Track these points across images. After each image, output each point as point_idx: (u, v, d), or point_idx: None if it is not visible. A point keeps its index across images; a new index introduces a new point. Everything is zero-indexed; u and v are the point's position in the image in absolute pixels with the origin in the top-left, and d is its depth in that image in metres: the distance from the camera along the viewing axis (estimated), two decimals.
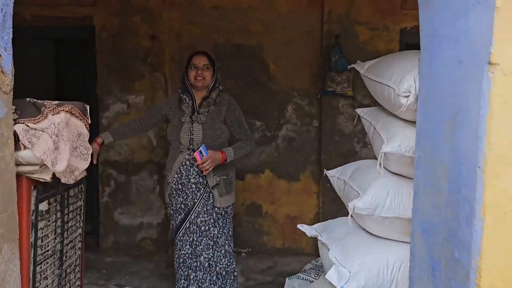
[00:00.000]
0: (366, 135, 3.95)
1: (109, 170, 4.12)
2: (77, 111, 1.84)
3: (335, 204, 4.00)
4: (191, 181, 2.80)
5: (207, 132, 2.77)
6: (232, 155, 2.76)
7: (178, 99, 2.90)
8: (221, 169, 2.80)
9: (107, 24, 3.97)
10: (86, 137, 1.90)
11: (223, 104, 2.84)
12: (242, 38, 4.00)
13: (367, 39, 3.92)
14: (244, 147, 2.83)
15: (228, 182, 2.85)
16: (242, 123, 2.89)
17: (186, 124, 2.79)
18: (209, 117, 2.79)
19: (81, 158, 1.83)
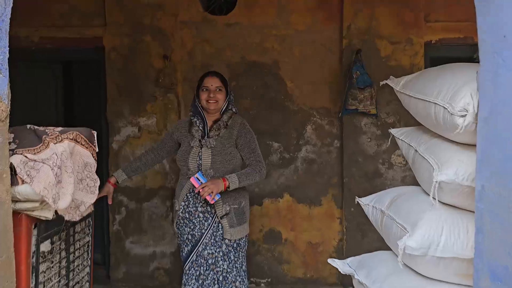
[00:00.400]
0: (391, 155, 3.73)
1: (119, 197, 3.91)
2: (82, 139, 1.64)
3: (360, 229, 3.75)
4: (198, 210, 2.58)
5: (216, 157, 2.57)
6: (237, 183, 2.50)
7: (189, 122, 2.73)
8: (231, 197, 2.58)
9: (117, 45, 3.82)
10: (93, 167, 1.70)
11: (235, 127, 2.65)
12: (257, 55, 3.82)
13: (389, 53, 3.71)
14: (251, 174, 2.56)
15: (240, 212, 2.63)
16: (253, 149, 2.66)
17: (195, 149, 2.60)
18: (219, 141, 2.60)
19: (87, 191, 1.63)
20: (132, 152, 3.87)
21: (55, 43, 3.86)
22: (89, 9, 3.85)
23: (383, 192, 2.12)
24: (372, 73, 3.63)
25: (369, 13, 3.70)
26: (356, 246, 3.78)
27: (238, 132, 2.64)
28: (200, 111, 2.67)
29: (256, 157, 2.65)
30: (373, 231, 3.86)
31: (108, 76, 3.84)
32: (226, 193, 2.54)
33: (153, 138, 3.86)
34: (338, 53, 3.78)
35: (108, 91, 3.85)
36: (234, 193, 2.60)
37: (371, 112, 3.64)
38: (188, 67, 3.85)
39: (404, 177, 3.75)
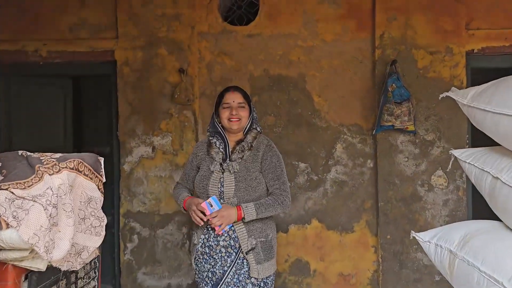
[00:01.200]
0: (431, 176, 3.35)
1: (131, 223, 3.59)
2: (86, 167, 1.32)
3: (398, 259, 3.36)
4: (220, 244, 2.22)
5: (240, 184, 2.22)
6: (254, 214, 2.17)
7: (207, 143, 2.38)
8: (257, 229, 2.24)
9: (130, 58, 3.55)
10: (99, 202, 1.37)
11: (260, 149, 2.31)
12: (281, 68, 3.50)
13: (427, 64, 3.37)
14: (272, 205, 2.23)
15: (267, 246, 2.27)
16: (278, 175, 2.31)
17: (216, 174, 2.26)
18: (243, 165, 2.26)
19: (91, 233, 1.30)
20: (145, 174, 3.56)
21: (64, 57, 3.61)
22: (99, 21, 3.59)
23: (447, 227, 1.75)
24: (408, 86, 3.29)
25: (404, 21, 3.37)
26: (394, 278, 3.39)
27: (263, 155, 2.30)
28: (220, 131, 2.34)
29: (280, 185, 2.30)
30: (412, 261, 3.48)
31: (119, 92, 3.56)
32: (251, 224, 2.21)
33: (168, 159, 3.55)
34: (370, 65, 3.45)
35: (119, 108, 3.56)
36: (260, 224, 2.25)
37: (409, 128, 3.28)
38: (206, 82, 3.55)
39: (446, 201, 3.37)
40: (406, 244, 3.38)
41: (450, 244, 1.61)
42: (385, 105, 3.24)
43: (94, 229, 1.32)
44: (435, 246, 1.70)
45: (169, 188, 3.55)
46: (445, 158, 3.36)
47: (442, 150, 3.36)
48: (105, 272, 3.84)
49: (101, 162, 1.44)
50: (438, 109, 3.35)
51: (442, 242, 1.67)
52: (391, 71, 3.30)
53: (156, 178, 3.56)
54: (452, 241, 1.60)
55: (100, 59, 3.61)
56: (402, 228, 3.39)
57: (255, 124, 2.37)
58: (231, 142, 2.33)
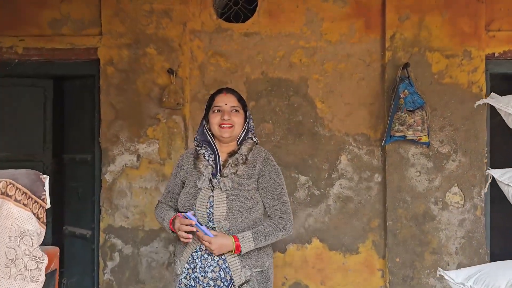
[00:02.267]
0: (446, 193, 3.02)
1: (113, 239, 3.24)
2: (19, 190, 0.98)
3: (407, 285, 3.02)
4: (208, 276, 1.87)
5: (233, 204, 1.88)
6: (252, 245, 1.85)
7: (194, 155, 2.01)
8: (252, 257, 1.89)
9: (115, 57, 3.22)
10: (35, 237, 1.03)
11: (257, 163, 1.96)
12: (281, 71, 3.18)
13: (442, 69, 3.04)
14: (273, 233, 1.90)
15: (264, 277, 1.93)
16: (278, 194, 1.97)
17: (204, 192, 1.90)
18: (237, 182, 1.91)
19: (24, 279, 0.95)
20: (129, 185, 3.22)
21: (43, 55, 3.29)
22: (82, 16, 3.28)
23: (486, 267, 1.42)
24: (421, 93, 2.97)
25: (418, 20, 3.06)
26: None
27: (260, 170, 1.96)
28: (210, 140, 1.99)
29: (281, 206, 1.96)
30: (424, 287, 3.13)
31: (102, 93, 3.23)
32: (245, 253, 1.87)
33: (154, 169, 3.21)
34: (379, 69, 3.13)
35: (102, 111, 3.23)
36: (256, 251, 1.91)
37: (422, 140, 2.96)
38: (198, 84, 3.23)
39: (462, 221, 3.03)
40: (417, 268, 3.04)
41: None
42: (396, 113, 2.91)
43: (29, 274, 0.98)
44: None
45: (155, 201, 3.20)
46: (461, 173, 3.03)
47: (458, 164, 3.03)
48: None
49: (45, 182, 1.09)
50: (454, 118, 3.03)
51: (482, 286, 1.33)
52: (403, 76, 2.98)
53: (141, 190, 3.22)
54: (496, 286, 1.27)
55: (82, 58, 3.28)
56: (413, 250, 3.05)
57: (250, 133, 2.02)
58: (222, 154, 1.97)
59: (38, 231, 1.02)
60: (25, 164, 3.59)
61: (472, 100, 3.01)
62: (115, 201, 3.23)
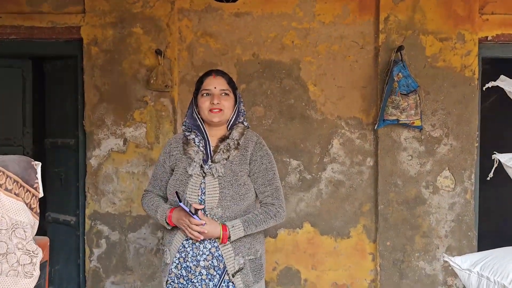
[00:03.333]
0: (437, 177, 3.02)
1: (99, 226, 3.14)
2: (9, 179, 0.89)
3: (397, 268, 3.04)
4: (200, 265, 1.80)
5: (226, 191, 1.80)
6: (241, 232, 1.78)
7: (183, 140, 1.92)
8: (245, 244, 1.83)
9: (99, 37, 3.08)
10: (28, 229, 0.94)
11: (249, 148, 1.89)
12: (273, 53, 3.10)
13: (435, 52, 3.02)
14: (264, 221, 1.83)
15: (257, 264, 1.87)
16: (270, 180, 1.89)
17: (195, 178, 1.82)
18: (229, 168, 1.84)
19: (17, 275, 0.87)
20: (115, 170, 3.11)
21: (21, 34, 3.11)
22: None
23: (493, 252, 1.39)
24: (414, 77, 2.94)
25: (412, 2, 3.01)
26: (392, 287, 3.06)
27: (252, 155, 1.88)
28: (199, 124, 1.90)
29: (272, 192, 1.88)
30: (413, 270, 3.15)
31: (86, 75, 3.09)
32: (238, 240, 1.80)
33: (142, 154, 3.11)
34: (373, 52, 3.08)
35: (86, 94, 3.10)
36: (249, 238, 1.84)
37: (415, 123, 2.94)
38: (187, 66, 3.12)
39: (452, 204, 3.04)
40: (407, 252, 3.05)
41: (503, 277, 1.25)
42: (389, 96, 2.88)
43: (22, 268, 0.90)
44: (478, 277, 1.35)
45: (143, 186, 3.11)
46: (452, 157, 3.03)
47: (449, 148, 3.03)
48: (68, 281, 3.41)
49: (36, 169, 1.00)
50: (447, 102, 3.02)
51: (490, 273, 1.31)
52: (397, 59, 2.94)
53: (128, 175, 3.12)
54: (505, 273, 1.25)
55: (63, 37, 3.13)
56: (403, 234, 3.06)
57: (242, 117, 1.94)
58: (212, 139, 1.89)
59: (31, 222, 0.94)
60: (4, 149, 3.44)
61: (464, 84, 3.01)
62: (101, 187, 3.13)
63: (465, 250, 3.03)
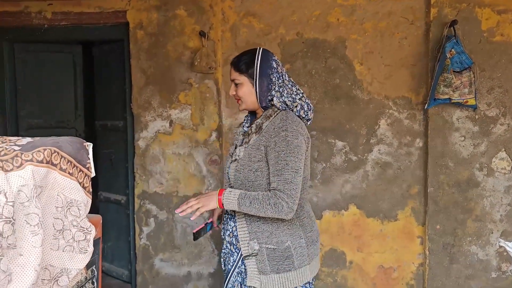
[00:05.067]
0: (492, 158, 2.87)
1: (147, 205, 3.24)
2: (64, 159, 0.92)
3: (447, 253, 2.94)
4: (226, 239, 1.87)
5: (239, 175, 1.76)
6: (235, 203, 1.67)
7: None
8: (264, 232, 1.74)
9: (144, 21, 3.12)
10: (83, 207, 0.98)
11: (269, 131, 1.73)
12: (318, 31, 3.02)
13: (493, 26, 2.82)
14: (261, 202, 1.66)
15: (279, 255, 1.74)
16: (280, 170, 1.67)
17: (228, 159, 1.88)
18: (247, 152, 1.76)
19: (73, 250, 0.91)
20: (162, 151, 3.18)
21: (70, 20, 3.20)
22: None
23: None
24: (469, 53, 2.77)
25: None
26: (442, 273, 2.97)
27: (267, 140, 1.72)
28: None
29: (279, 183, 1.66)
30: (464, 255, 3.03)
31: (133, 59, 3.15)
32: (254, 225, 1.74)
33: (187, 135, 3.15)
34: (423, 27, 2.93)
35: (133, 77, 3.17)
36: (269, 227, 1.73)
37: (469, 102, 2.79)
38: (231, 47, 3.10)
39: (508, 188, 2.89)
40: (458, 236, 2.94)
41: None
42: (441, 74, 2.74)
43: (77, 244, 0.94)
44: None
45: (189, 167, 3.18)
46: (509, 138, 2.86)
47: (506, 129, 2.86)
48: (120, 257, 3.57)
49: (88, 150, 1.03)
50: (504, 79, 2.84)
51: None
52: (449, 34, 2.78)
53: (174, 156, 3.18)
54: None
55: (110, 22, 3.19)
56: (454, 217, 2.95)
57: (276, 98, 1.76)
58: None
59: (84, 201, 0.97)
60: (58, 131, 3.60)
61: None
62: (148, 167, 3.22)
63: None
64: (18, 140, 0.89)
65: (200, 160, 3.17)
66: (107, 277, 3.56)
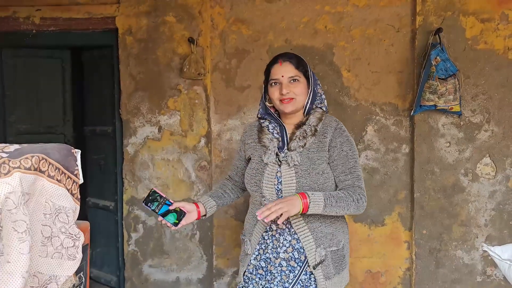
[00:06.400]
0: (477, 164, 2.92)
1: (136, 211, 3.24)
2: (52, 166, 0.92)
3: (434, 257, 2.98)
4: (281, 257, 1.77)
5: (303, 180, 1.72)
6: (321, 206, 1.65)
7: (257, 128, 1.88)
8: (327, 236, 1.76)
9: (133, 26, 3.13)
10: (71, 214, 0.98)
11: (328, 133, 1.77)
12: (306, 38, 3.06)
13: (476, 34, 2.88)
14: (345, 200, 1.70)
15: (339, 256, 1.80)
16: (351, 168, 1.76)
17: (271, 167, 1.76)
18: (306, 156, 1.75)
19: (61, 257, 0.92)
20: (151, 157, 3.18)
21: (59, 25, 3.20)
22: None
23: None
24: (454, 60, 2.83)
25: None
26: (429, 277, 3.01)
27: (331, 141, 1.76)
28: (271, 113, 1.83)
29: (354, 181, 1.76)
30: (450, 259, 3.08)
31: (122, 64, 3.16)
32: (319, 231, 1.74)
33: (176, 141, 3.16)
34: (409, 35, 2.98)
35: (122, 83, 3.17)
36: (331, 229, 1.77)
37: (454, 109, 2.84)
38: (220, 53, 3.13)
39: (493, 193, 2.94)
40: (444, 241, 2.99)
41: None
42: (427, 81, 2.79)
43: (66, 251, 0.94)
44: None
45: (178, 173, 3.18)
46: (493, 144, 2.91)
47: (490, 135, 2.92)
48: (108, 263, 3.55)
49: (76, 156, 1.04)
50: (488, 86, 2.89)
51: None
52: (434, 42, 2.84)
53: (163, 162, 3.19)
54: None
55: (100, 28, 3.19)
56: (440, 222, 2.99)
57: (318, 100, 1.82)
58: (288, 126, 1.81)
59: (73, 207, 0.98)
60: (46, 136, 3.58)
61: (508, 67, 2.87)
62: (137, 173, 3.22)
63: (506, 240, 2.93)
64: (6, 147, 0.89)
65: (189, 166, 3.18)
66: (95, 284, 3.54)
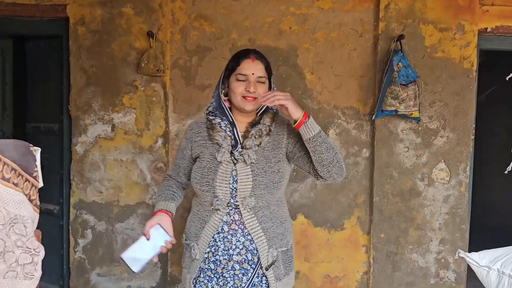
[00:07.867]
0: (433, 169, 3.00)
1: (84, 216, 3.01)
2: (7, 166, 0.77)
3: (391, 261, 3.01)
4: (233, 259, 1.69)
5: (259, 179, 1.67)
6: (317, 127, 1.63)
7: (206, 125, 1.78)
8: (278, 236, 1.72)
9: (87, 16, 2.91)
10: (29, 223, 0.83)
11: (282, 132, 1.75)
12: (270, 39, 2.99)
13: (435, 42, 2.96)
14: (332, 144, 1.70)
15: (288, 256, 1.77)
16: None
17: (225, 165, 1.68)
18: (261, 154, 1.71)
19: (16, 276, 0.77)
20: (102, 157, 2.97)
21: (1, 11, 2.91)
22: None
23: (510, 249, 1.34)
24: (414, 67, 2.88)
25: None
26: (385, 281, 3.03)
27: (288, 136, 1.74)
28: (225, 107, 1.74)
29: None
30: (406, 262, 3.13)
31: (72, 57, 2.92)
32: (271, 231, 1.69)
33: (131, 141, 2.97)
34: (372, 40, 3.00)
35: (72, 77, 2.94)
36: (281, 229, 1.74)
37: (414, 115, 2.89)
38: (180, 50, 2.98)
39: (447, 197, 3.02)
40: (401, 244, 3.03)
41: None
42: (389, 86, 2.81)
43: (21, 269, 0.79)
44: (499, 275, 1.29)
45: (131, 174, 2.99)
46: (448, 150, 3.00)
47: (445, 141, 3.00)
48: (51, 272, 3.26)
49: (36, 155, 0.88)
50: (444, 94, 2.98)
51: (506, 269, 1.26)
52: (396, 48, 2.88)
53: (116, 163, 2.99)
54: None
55: (48, 16, 2.95)
56: (398, 226, 3.03)
57: None
58: (240, 124, 1.75)
59: (32, 216, 0.82)
60: None
61: (463, 76, 2.97)
62: (87, 175, 2.99)
63: (458, 243, 3.03)
64: None
65: (144, 168, 3.00)
66: None
